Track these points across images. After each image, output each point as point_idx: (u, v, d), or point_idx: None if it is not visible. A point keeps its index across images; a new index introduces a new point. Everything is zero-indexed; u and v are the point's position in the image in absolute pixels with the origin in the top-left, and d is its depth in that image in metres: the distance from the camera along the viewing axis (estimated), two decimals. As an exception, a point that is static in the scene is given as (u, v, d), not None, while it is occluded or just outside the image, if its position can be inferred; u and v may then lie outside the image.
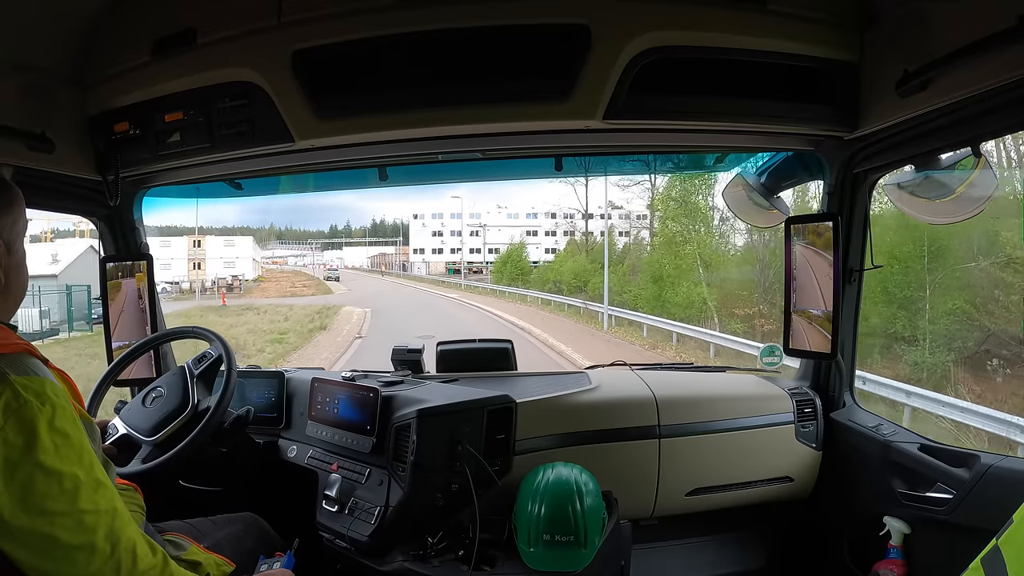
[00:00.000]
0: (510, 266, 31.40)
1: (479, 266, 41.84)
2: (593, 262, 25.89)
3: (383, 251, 57.39)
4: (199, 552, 1.25)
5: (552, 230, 39.88)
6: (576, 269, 25.99)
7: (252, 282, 36.18)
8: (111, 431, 1.57)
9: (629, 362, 2.26)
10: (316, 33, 1.42)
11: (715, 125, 1.56)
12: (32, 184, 1.57)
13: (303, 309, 20.46)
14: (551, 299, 22.41)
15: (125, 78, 1.57)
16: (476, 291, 29.72)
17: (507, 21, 1.39)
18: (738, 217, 2.19)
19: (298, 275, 43.33)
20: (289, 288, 32.94)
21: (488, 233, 43.25)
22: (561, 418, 1.81)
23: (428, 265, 45.46)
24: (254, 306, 23.05)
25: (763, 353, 2.24)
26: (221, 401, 1.57)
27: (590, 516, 1.49)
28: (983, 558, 0.78)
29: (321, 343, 14.20)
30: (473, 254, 44.24)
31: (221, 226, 44.14)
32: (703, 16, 1.38)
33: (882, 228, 9.39)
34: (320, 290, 31.82)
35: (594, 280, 23.27)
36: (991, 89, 1.16)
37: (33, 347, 0.95)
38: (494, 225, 43.29)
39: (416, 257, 47.31)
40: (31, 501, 0.83)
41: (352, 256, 61.27)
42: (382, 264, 53.80)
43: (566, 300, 21.23)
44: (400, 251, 51.84)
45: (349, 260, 60.01)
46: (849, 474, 1.84)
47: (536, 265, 32.58)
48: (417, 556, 1.55)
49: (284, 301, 25.04)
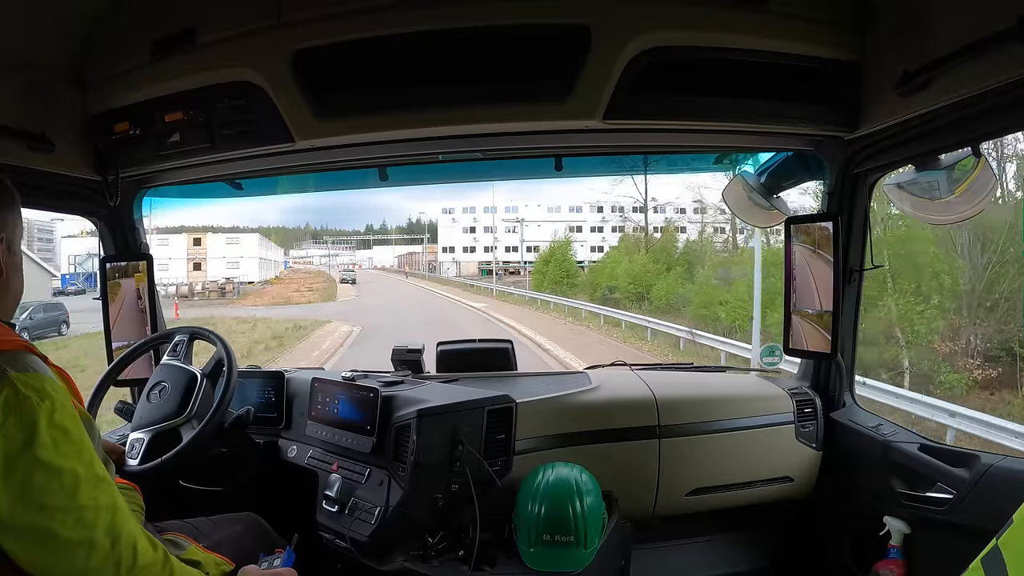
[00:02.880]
0: (553, 267, 26.26)
1: (516, 266, 36.77)
2: (656, 262, 21.33)
3: (411, 250, 53.98)
4: (199, 552, 1.24)
5: (599, 225, 34.72)
6: (634, 271, 20.95)
7: (255, 284, 33.60)
8: (136, 446, 1.53)
9: (629, 362, 2.26)
10: (316, 33, 1.42)
11: (715, 125, 1.56)
12: (32, 184, 1.57)
13: (278, 323, 17.30)
14: (611, 315, 15.49)
15: (125, 78, 1.57)
16: (511, 299, 24.21)
17: (507, 21, 1.39)
18: (738, 217, 2.19)
19: (316, 276, 40.96)
20: (293, 292, 29.98)
21: (526, 229, 37.45)
22: (561, 418, 1.81)
23: (458, 265, 40.70)
24: (215, 318, 19.04)
25: (763, 353, 2.24)
26: (221, 401, 1.57)
27: (590, 516, 1.49)
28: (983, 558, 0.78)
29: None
30: (509, 253, 38.74)
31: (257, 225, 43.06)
32: (703, 16, 1.39)
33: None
34: (325, 295, 28.69)
35: (659, 286, 19.08)
36: (991, 89, 1.16)
37: (32, 345, 0.96)
38: (533, 220, 37.33)
39: (445, 256, 42.30)
40: (30, 497, 0.83)
41: (381, 255, 59.48)
42: (406, 265, 50.40)
43: (655, 325, 13.22)
44: (427, 250, 47.68)
45: (379, 259, 58.49)
46: (849, 474, 1.84)
47: (583, 266, 27.62)
48: (417, 556, 1.55)
49: (269, 312, 21.19)
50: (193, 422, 1.55)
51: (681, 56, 1.42)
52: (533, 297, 23.20)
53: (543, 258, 28.11)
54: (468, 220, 41.64)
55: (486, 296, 26.28)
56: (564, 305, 19.70)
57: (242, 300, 27.76)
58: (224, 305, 25.34)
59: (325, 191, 2.76)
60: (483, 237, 40.55)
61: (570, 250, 27.86)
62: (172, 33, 1.50)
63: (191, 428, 1.54)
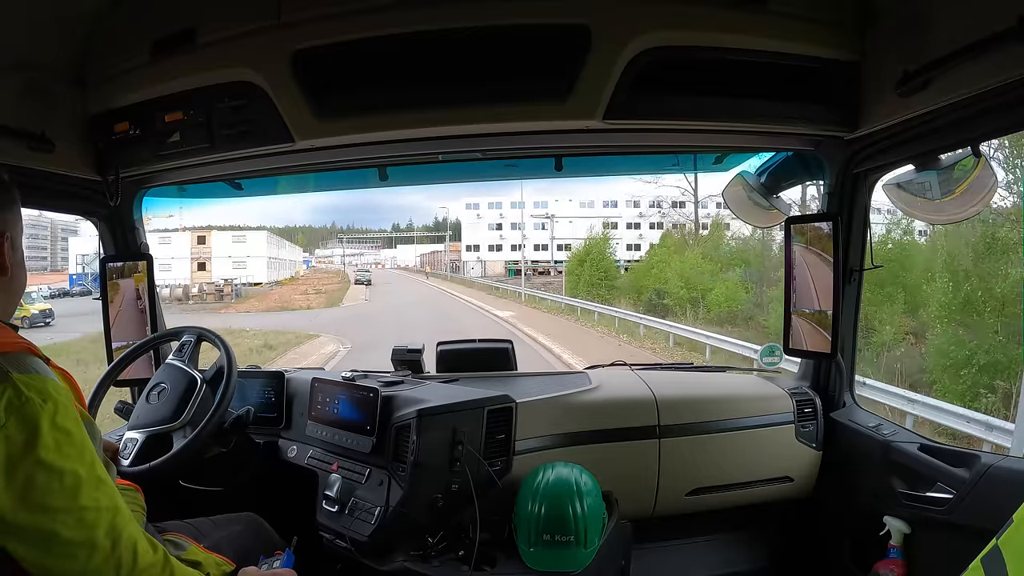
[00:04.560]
0: (589, 267, 22.77)
1: (545, 266, 33.93)
2: (707, 259, 17.94)
3: (435, 249, 51.68)
4: (199, 552, 1.25)
5: (635, 221, 31.86)
6: (686, 272, 17.45)
7: (263, 286, 31.75)
8: (129, 445, 1.53)
9: (629, 362, 2.26)
10: (316, 33, 1.42)
11: (715, 125, 1.56)
12: (32, 184, 1.57)
13: (255, 337, 14.68)
14: (687, 336, 11.73)
15: (125, 78, 1.57)
16: (542, 306, 20.14)
17: (507, 21, 1.39)
18: (738, 217, 2.19)
19: (331, 277, 39.13)
20: (298, 296, 28.04)
21: (556, 226, 34.25)
22: (561, 418, 1.81)
23: (484, 265, 37.57)
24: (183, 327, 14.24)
25: (763, 353, 2.24)
26: (221, 401, 1.57)
27: (590, 516, 1.49)
28: (983, 558, 0.78)
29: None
30: (538, 252, 35.48)
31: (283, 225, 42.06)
32: (703, 16, 1.39)
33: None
34: (330, 300, 25.99)
35: (716, 291, 15.77)
36: (991, 89, 1.16)
37: (35, 347, 0.96)
38: (564, 216, 34.22)
39: (470, 255, 38.96)
40: (32, 497, 0.83)
41: (405, 255, 58.55)
42: (427, 265, 48.30)
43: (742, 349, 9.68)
44: (450, 248, 44.79)
45: (402, 259, 57.60)
46: (849, 474, 1.84)
47: (622, 266, 24.35)
48: (417, 556, 1.55)
49: (258, 320, 18.59)
50: (186, 429, 1.53)
51: (681, 56, 1.42)
52: (569, 304, 18.72)
53: (578, 257, 24.82)
54: (494, 216, 38.26)
55: (513, 300, 22.37)
56: (612, 316, 15.08)
57: (239, 304, 25.79)
58: (217, 310, 22.91)
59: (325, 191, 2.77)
60: (510, 235, 37.30)
61: (609, 248, 24.69)
62: (172, 33, 1.50)
63: (182, 436, 1.52)
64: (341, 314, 20.52)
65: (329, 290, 30.83)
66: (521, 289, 25.09)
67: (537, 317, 16.74)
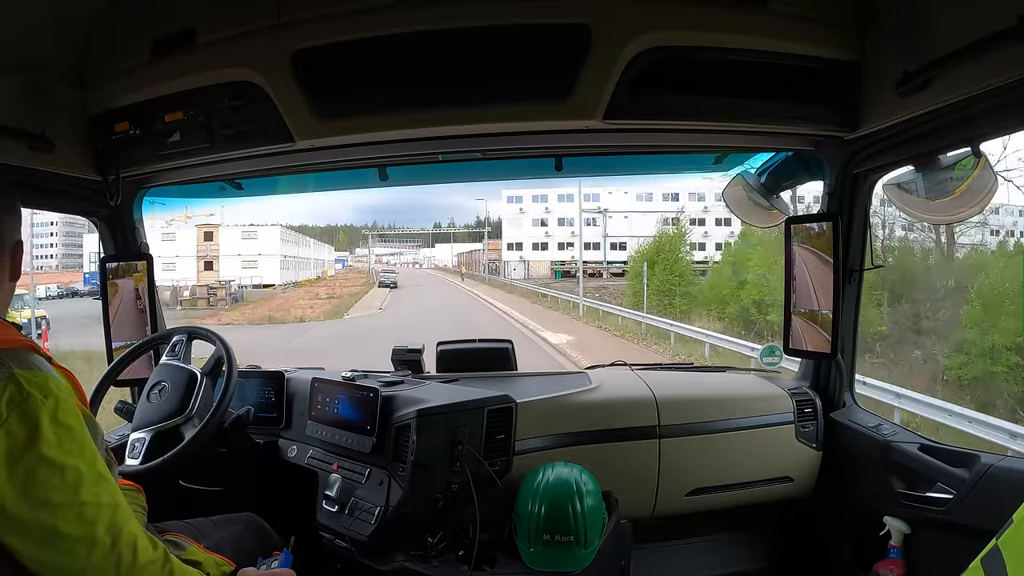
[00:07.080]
0: (660, 269, 18.02)
1: (597, 268, 29.23)
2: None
3: (474, 247, 47.46)
4: (199, 552, 1.25)
5: (699, 217, 27.48)
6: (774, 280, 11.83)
7: (275, 288, 29.54)
8: (137, 445, 1.54)
9: (629, 362, 2.26)
10: (316, 33, 1.42)
11: (715, 125, 1.56)
12: (32, 184, 1.57)
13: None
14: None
15: (125, 78, 1.57)
16: (608, 323, 14.59)
17: (507, 21, 1.39)
18: (738, 217, 2.20)
19: (356, 278, 36.81)
20: (304, 301, 24.97)
21: (609, 222, 29.58)
22: (561, 418, 1.81)
23: (527, 265, 32.61)
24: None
25: (763, 353, 2.24)
26: (221, 401, 1.57)
27: (590, 516, 1.49)
28: (983, 558, 0.78)
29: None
30: (588, 251, 29.51)
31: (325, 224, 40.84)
32: (703, 16, 1.38)
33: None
34: (337, 309, 21.89)
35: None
36: (991, 89, 1.16)
37: (36, 344, 0.96)
38: (618, 211, 29.46)
39: (511, 255, 33.74)
40: (33, 492, 0.84)
41: (443, 254, 56.98)
42: (463, 265, 43.95)
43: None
44: (489, 247, 39.59)
45: (439, 258, 56.34)
46: (849, 474, 1.84)
47: (699, 267, 19.19)
48: (417, 556, 1.55)
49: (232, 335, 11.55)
50: (194, 420, 1.56)
51: (681, 56, 1.42)
52: (657, 324, 12.61)
53: (645, 256, 19.54)
54: (539, 211, 32.99)
55: (566, 313, 16.66)
56: (743, 352, 9.25)
57: (230, 312, 22.20)
58: (194, 319, 18.36)
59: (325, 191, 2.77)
60: (557, 231, 32.26)
61: (683, 245, 20.00)
62: (172, 33, 1.50)
63: (192, 427, 1.55)
64: (338, 329, 16.27)
65: (344, 295, 27.23)
66: (578, 299, 18.47)
67: (606, 345, 11.37)
